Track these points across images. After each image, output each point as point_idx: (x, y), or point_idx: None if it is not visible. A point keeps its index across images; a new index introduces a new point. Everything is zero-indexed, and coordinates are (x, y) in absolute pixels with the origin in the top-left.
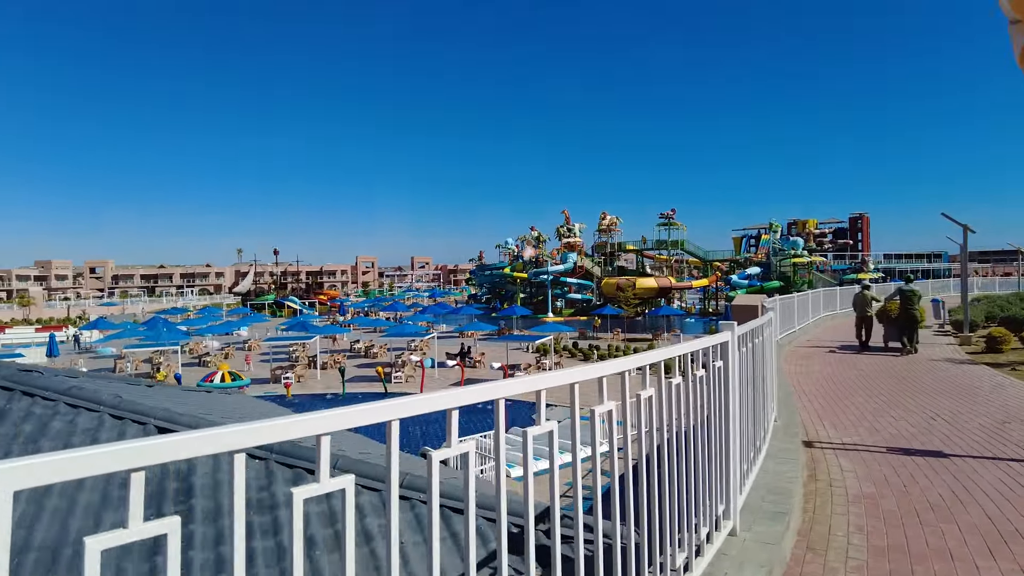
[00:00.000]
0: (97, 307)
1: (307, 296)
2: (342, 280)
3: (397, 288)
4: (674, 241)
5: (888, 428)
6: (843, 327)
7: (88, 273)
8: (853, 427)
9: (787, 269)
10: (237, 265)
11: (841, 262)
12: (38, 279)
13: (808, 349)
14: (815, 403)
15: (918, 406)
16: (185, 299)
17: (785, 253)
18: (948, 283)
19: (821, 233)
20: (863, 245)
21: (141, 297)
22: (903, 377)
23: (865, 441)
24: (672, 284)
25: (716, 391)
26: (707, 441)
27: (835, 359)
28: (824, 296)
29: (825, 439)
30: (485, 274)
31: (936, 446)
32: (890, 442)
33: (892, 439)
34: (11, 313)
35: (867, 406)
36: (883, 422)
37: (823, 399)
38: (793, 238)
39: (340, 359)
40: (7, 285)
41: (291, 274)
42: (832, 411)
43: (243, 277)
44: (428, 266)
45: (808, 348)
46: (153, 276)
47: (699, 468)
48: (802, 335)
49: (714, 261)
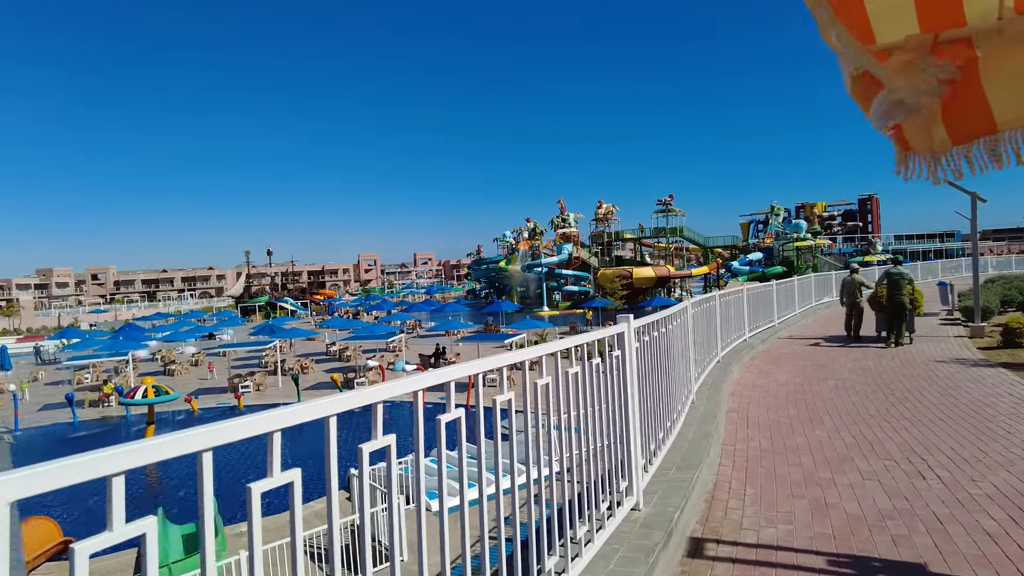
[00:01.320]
0: (87, 315)
1: (303, 296)
2: (344, 279)
3: (398, 285)
4: (672, 228)
5: (846, 503)
6: (836, 317)
7: (90, 280)
8: (789, 499)
9: (790, 253)
10: (240, 267)
11: (850, 244)
12: (39, 287)
13: (784, 348)
14: (754, 443)
15: (903, 446)
16: (182, 303)
17: (788, 237)
18: (960, 263)
19: (830, 216)
20: (873, 227)
21: (137, 303)
22: (891, 390)
23: (799, 536)
24: (671, 273)
25: (614, 379)
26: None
27: (811, 361)
28: (816, 283)
29: (730, 534)
30: (481, 268)
31: (918, 551)
32: (842, 538)
33: (846, 530)
34: (3, 323)
35: (827, 449)
36: (841, 486)
37: (768, 434)
38: (796, 220)
39: (307, 364)
40: (7, 294)
41: (293, 274)
42: (771, 461)
43: (249, 279)
44: (431, 262)
45: (784, 346)
46: (154, 281)
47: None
48: (783, 329)
49: (715, 248)
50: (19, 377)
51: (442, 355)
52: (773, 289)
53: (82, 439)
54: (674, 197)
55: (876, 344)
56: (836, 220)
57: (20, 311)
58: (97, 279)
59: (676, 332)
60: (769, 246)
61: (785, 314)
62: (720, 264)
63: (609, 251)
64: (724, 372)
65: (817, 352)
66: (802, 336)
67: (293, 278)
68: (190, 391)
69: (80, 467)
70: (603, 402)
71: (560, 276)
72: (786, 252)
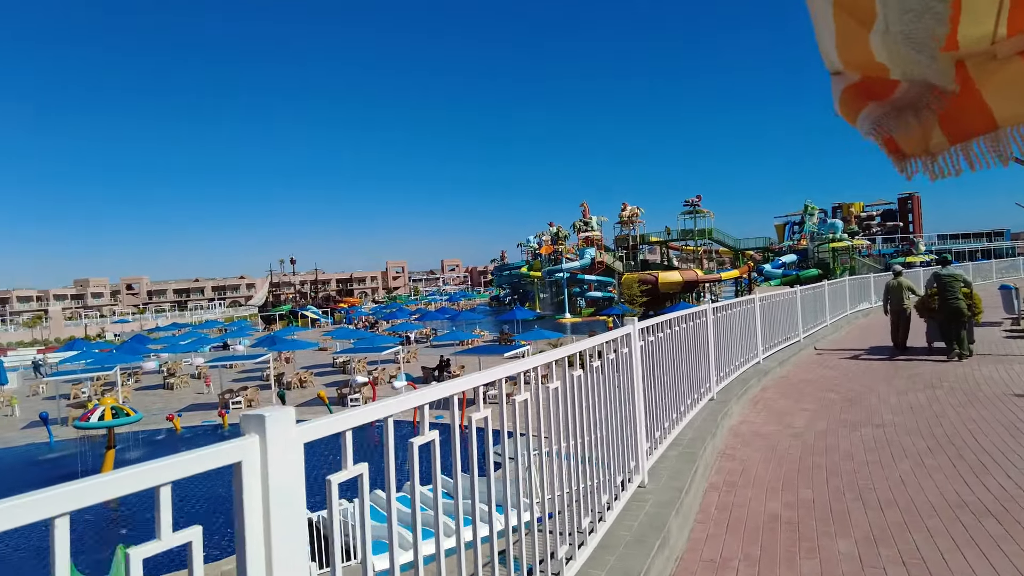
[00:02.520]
0: (112, 325)
1: (326, 305)
2: (372, 287)
3: (423, 292)
4: (701, 230)
5: None
6: (876, 327)
7: (125, 290)
8: None
9: (826, 255)
10: (279, 276)
11: (890, 245)
12: (75, 298)
13: (807, 371)
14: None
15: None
16: (208, 312)
17: (823, 238)
18: (1017, 263)
19: (868, 216)
20: (914, 227)
21: (165, 312)
22: (956, 448)
23: None
24: (699, 277)
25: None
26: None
27: (841, 393)
28: (852, 288)
29: None
30: (504, 274)
31: None
32: None
33: None
34: (32, 334)
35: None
36: None
37: (757, 546)
38: (832, 220)
39: (306, 377)
40: (45, 305)
41: (321, 282)
42: None
43: (274, 287)
44: (458, 268)
45: (808, 368)
46: (186, 290)
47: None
48: (810, 345)
49: (746, 250)
50: (20, 391)
51: (446, 367)
52: (796, 297)
53: (46, 462)
54: (702, 198)
55: (927, 358)
56: (875, 220)
57: (50, 322)
58: (131, 289)
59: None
60: (804, 248)
61: (813, 326)
62: (751, 267)
63: (634, 255)
64: (717, 417)
65: (850, 377)
66: (833, 352)
67: (321, 286)
68: (183, 407)
69: None
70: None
71: (583, 282)
72: (821, 254)
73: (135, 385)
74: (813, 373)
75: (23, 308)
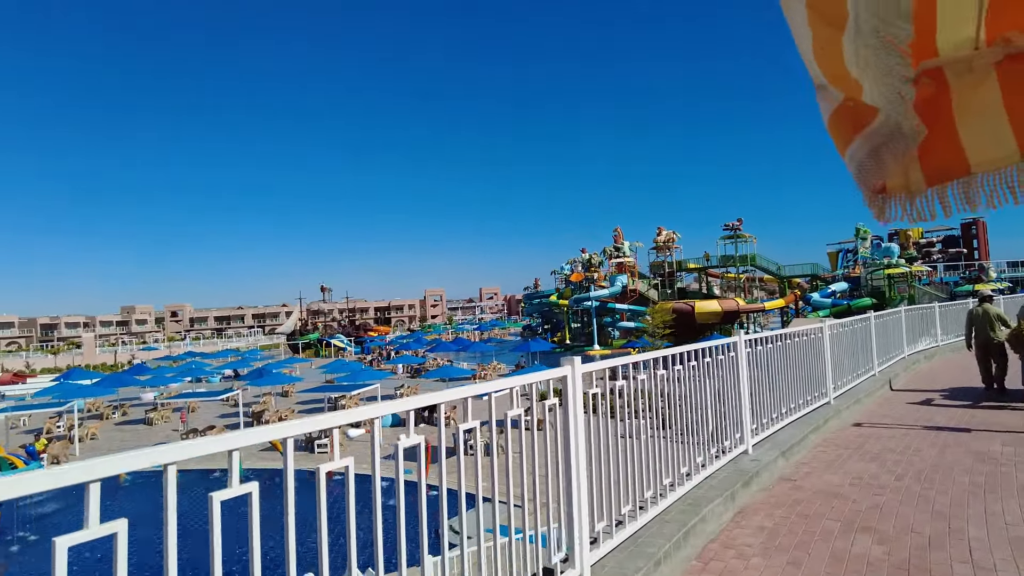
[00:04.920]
0: (141, 352)
1: (355, 333)
2: (409, 315)
3: (457, 321)
4: (742, 256)
5: None
6: (948, 369)
7: (169, 317)
8: None
9: (880, 282)
10: (312, 304)
11: (953, 273)
12: (120, 324)
13: (833, 466)
14: None
15: None
16: (241, 340)
17: (877, 264)
18: None
19: (928, 243)
20: (979, 254)
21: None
22: None
23: None
24: (739, 307)
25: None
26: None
27: (900, 523)
28: (910, 321)
29: None
30: (534, 303)
31: None
32: None
33: None
34: (66, 359)
35: None
36: None
37: None
38: (887, 244)
39: (287, 414)
40: (92, 331)
41: (359, 310)
42: None
43: (313, 315)
44: (496, 296)
45: (835, 459)
46: (226, 317)
47: None
48: (846, 408)
49: (793, 278)
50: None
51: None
52: (825, 337)
53: None
54: (743, 221)
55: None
56: (935, 247)
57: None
58: (175, 316)
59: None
60: (857, 276)
61: (851, 380)
62: (799, 296)
63: (671, 283)
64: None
65: (909, 477)
66: (879, 423)
67: (359, 314)
68: (148, 446)
69: None
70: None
71: (615, 311)
72: (875, 281)
73: (120, 419)
74: (842, 472)
75: (70, 334)
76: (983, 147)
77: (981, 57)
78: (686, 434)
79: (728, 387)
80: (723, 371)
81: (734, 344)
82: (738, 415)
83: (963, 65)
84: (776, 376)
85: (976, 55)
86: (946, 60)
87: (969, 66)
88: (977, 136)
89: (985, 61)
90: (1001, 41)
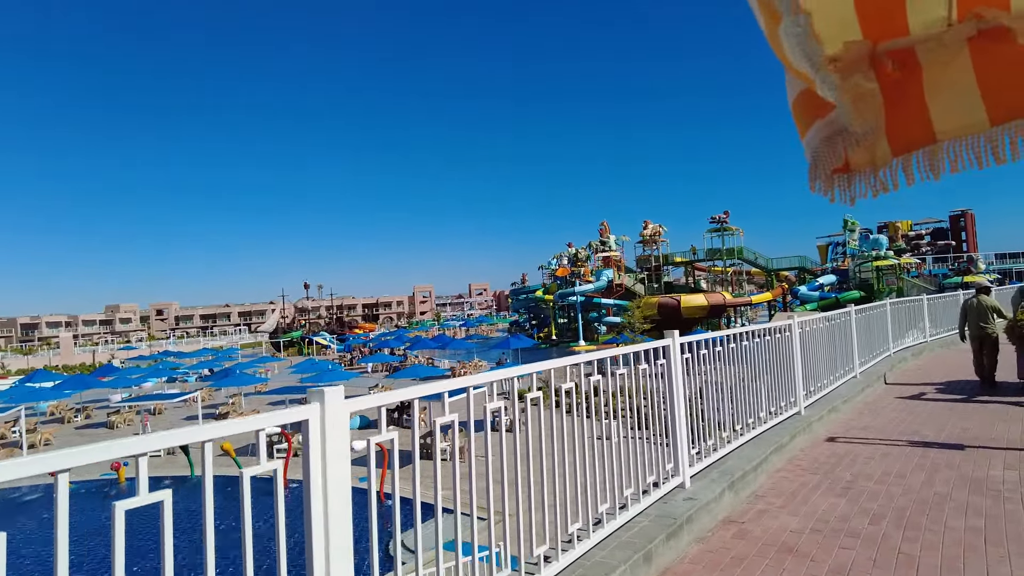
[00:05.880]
0: (119, 351)
1: (340, 330)
2: (398, 311)
3: (445, 317)
4: (729, 249)
5: None
6: (937, 366)
7: (154, 315)
8: None
9: (869, 275)
10: (299, 301)
11: (942, 266)
12: (103, 323)
13: (796, 499)
14: None
15: None
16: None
17: (866, 256)
18: None
19: (917, 235)
20: (968, 246)
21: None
22: None
23: None
24: (726, 301)
25: None
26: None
27: None
28: (896, 314)
29: None
30: (520, 298)
31: None
32: None
33: None
34: (40, 360)
35: None
36: None
37: None
38: (875, 236)
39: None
40: (74, 330)
41: (347, 308)
42: None
43: (300, 313)
44: (486, 292)
45: (801, 488)
46: (212, 316)
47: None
48: (820, 418)
49: (781, 271)
50: None
51: (407, 408)
52: (794, 336)
53: None
54: (730, 214)
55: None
56: (924, 239)
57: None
58: (161, 315)
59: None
60: (845, 269)
61: (827, 384)
62: (786, 290)
63: (658, 277)
64: None
65: (888, 521)
66: (857, 437)
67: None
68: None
69: None
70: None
71: (600, 306)
72: (864, 274)
73: (82, 422)
74: (804, 512)
75: (51, 334)
76: (951, 117)
77: (953, 33)
78: (587, 471)
79: (658, 403)
80: (650, 383)
81: (665, 348)
82: (672, 439)
83: (935, 42)
84: (730, 384)
85: (948, 31)
86: (916, 38)
87: (941, 42)
88: (946, 108)
89: (957, 36)
90: (972, 16)
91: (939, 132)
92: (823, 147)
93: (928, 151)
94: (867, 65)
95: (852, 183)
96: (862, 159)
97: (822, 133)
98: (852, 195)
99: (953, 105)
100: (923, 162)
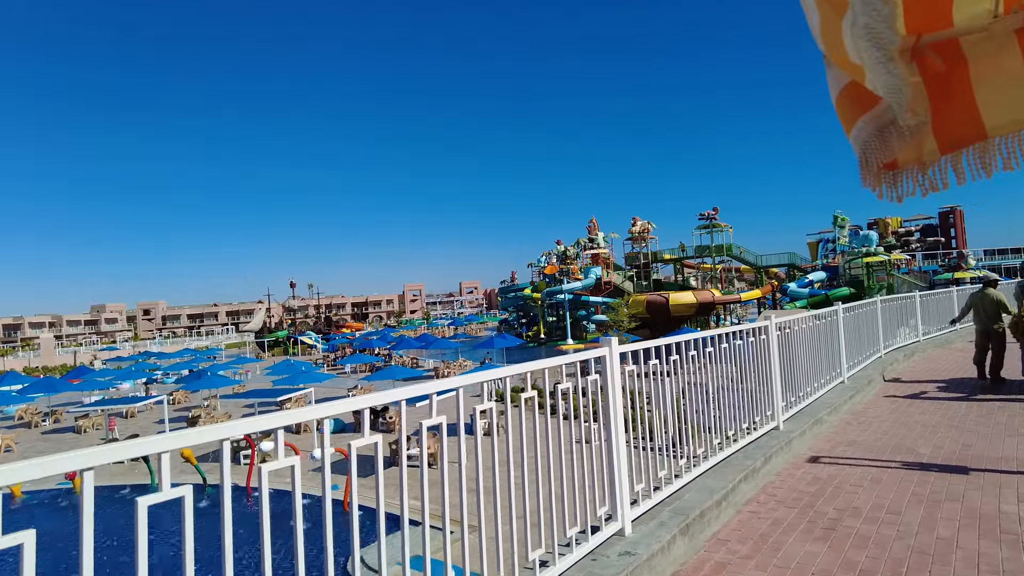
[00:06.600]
0: (100, 352)
1: (327, 329)
2: (388, 310)
3: (434, 316)
4: (718, 246)
5: None
6: (932, 366)
7: (141, 315)
8: None
9: (859, 271)
10: (289, 301)
11: (932, 262)
12: (89, 323)
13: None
14: None
15: None
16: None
17: (856, 252)
18: None
19: (907, 232)
20: (957, 242)
21: (168, 339)
22: None
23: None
24: (715, 298)
25: None
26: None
27: None
28: (887, 313)
29: None
30: (509, 296)
31: None
32: None
33: None
34: (19, 362)
35: None
36: None
37: None
38: (865, 233)
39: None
40: (58, 330)
41: (337, 306)
42: None
43: (289, 312)
44: (476, 291)
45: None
46: (199, 315)
47: None
48: (799, 432)
49: (770, 268)
50: None
51: (382, 412)
52: (771, 340)
53: None
54: (719, 210)
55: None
56: (914, 236)
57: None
58: (148, 315)
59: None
60: (835, 265)
61: (811, 393)
62: (775, 287)
63: (647, 274)
64: None
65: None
66: (843, 456)
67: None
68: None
69: None
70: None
71: (589, 304)
72: (854, 270)
73: (50, 426)
74: (776, 566)
75: (34, 335)
76: (1003, 111)
77: (1001, 24)
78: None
79: (589, 427)
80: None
81: (600, 359)
82: (605, 474)
83: (982, 35)
84: (693, 399)
85: (995, 23)
86: (961, 31)
87: (989, 35)
88: (997, 101)
89: (1005, 28)
90: (1019, 8)
91: (990, 128)
92: (874, 140)
93: (979, 148)
94: (909, 58)
95: (899, 180)
96: (910, 156)
97: (871, 126)
98: (899, 193)
99: (1004, 99)
100: (974, 160)
